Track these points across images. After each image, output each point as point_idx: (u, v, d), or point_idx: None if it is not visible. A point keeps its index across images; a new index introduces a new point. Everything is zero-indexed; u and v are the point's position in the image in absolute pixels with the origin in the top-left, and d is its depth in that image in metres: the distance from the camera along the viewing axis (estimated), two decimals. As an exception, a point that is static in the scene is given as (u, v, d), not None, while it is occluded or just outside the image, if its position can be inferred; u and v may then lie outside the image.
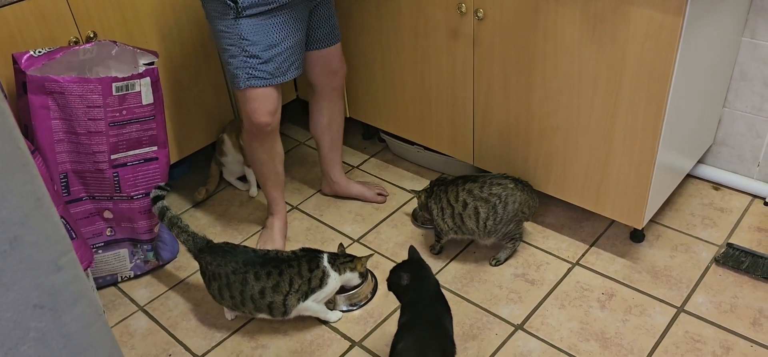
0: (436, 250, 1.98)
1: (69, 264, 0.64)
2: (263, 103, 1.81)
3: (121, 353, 0.71)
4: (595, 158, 1.80)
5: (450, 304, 1.53)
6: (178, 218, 1.79)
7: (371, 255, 1.86)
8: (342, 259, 1.74)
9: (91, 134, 1.78)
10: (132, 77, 1.78)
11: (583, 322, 1.71)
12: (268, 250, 1.73)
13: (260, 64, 1.74)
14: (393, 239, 2.08)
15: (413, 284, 1.50)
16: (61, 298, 0.63)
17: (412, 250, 1.57)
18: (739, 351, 1.59)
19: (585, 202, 1.90)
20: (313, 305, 1.70)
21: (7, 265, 0.58)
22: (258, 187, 2.34)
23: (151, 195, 1.87)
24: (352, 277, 1.75)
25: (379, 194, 2.26)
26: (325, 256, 1.72)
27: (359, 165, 2.49)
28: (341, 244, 1.84)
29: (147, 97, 1.83)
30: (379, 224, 2.16)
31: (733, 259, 1.83)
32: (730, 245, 1.87)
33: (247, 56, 1.73)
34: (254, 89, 1.77)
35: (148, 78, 1.81)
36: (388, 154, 2.54)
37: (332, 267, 1.71)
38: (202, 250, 1.73)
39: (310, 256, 1.71)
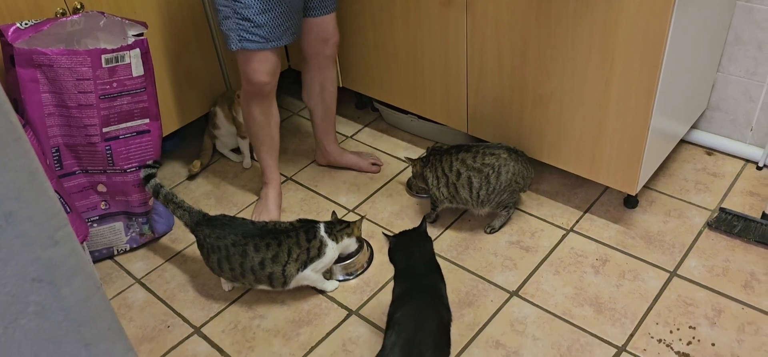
0: (432, 219, 1.99)
1: (65, 238, 0.63)
2: (262, 64, 1.80)
3: (120, 325, 0.71)
4: (589, 125, 1.80)
5: (445, 272, 1.54)
6: (172, 194, 1.78)
7: (364, 217, 1.86)
8: (338, 227, 1.74)
9: (82, 107, 1.76)
10: (121, 49, 1.76)
11: (578, 288, 1.73)
12: (266, 222, 1.73)
13: (253, 27, 1.72)
14: (388, 209, 2.09)
15: (411, 252, 1.51)
16: (59, 272, 0.63)
17: (423, 221, 1.58)
18: (731, 313, 1.62)
19: (579, 169, 1.91)
20: (311, 275, 1.71)
21: (3, 241, 0.58)
22: (252, 158, 2.34)
23: (142, 175, 1.86)
24: (349, 243, 1.76)
25: (374, 164, 2.26)
26: (322, 226, 1.73)
27: (353, 135, 2.48)
28: (334, 212, 1.84)
29: (137, 69, 1.81)
30: (373, 194, 2.16)
31: (726, 223, 1.85)
32: (722, 209, 1.89)
33: (240, 18, 1.71)
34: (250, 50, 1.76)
35: (137, 49, 1.79)
36: (381, 123, 2.53)
37: (329, 236, 1.72)
38: (199, 223, 1.72)
39: (308, 226, 1.72)
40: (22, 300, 0.61)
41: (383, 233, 1.57)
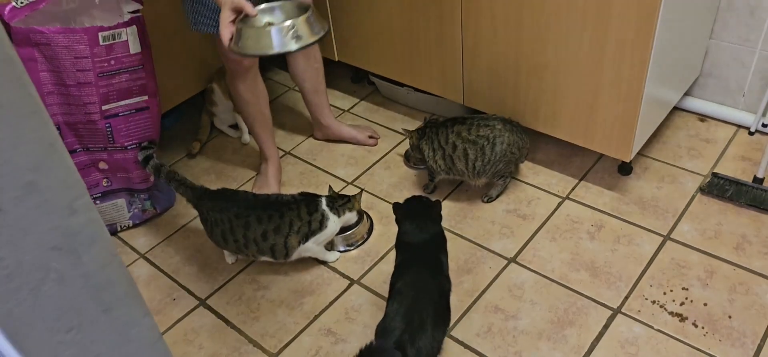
0: (430, 189, 2.02)
1: (84, 207, 0.66)
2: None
3: (137, 290, 0.74)
4: (584, 93, 1.82)
5: (444, 240, 1.57)
6: (174, 172, 1.80)
7: (363, 190, 1.90)
8: (340, 202, 1.77)
9: (81, 85, 1.77)
10: (118, 26, 1.76)
11: (574, 253, 1.77)
12: (269, 194, 1.76)
13: (206, 10, 1.71)
14: (386, 180, 2.11)
15: (415, 221, 1.53)
16: (78, 240, 0.65)
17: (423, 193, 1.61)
18: (723, 274, 1.66)
19: (574, 137, 1.94)
20: (313, 247, 1.74)
21: (24, 210, 0.60)
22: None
23: (140, 157, 1.87)
24: (350, 217, 1.79)
25: (371, 137, 2.27)
26: (324, 200, 1.75)
27: (349, 109, 2.50)
28: (330, 187, 1.87)
29: (134, 46, 1.81)
30: (372, 166, 2.18)
31: (718, 187, 1.88)
32: (715, 174, 1.92)
33: (194, 1, 1.71)
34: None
35: (134, 26, 1.79)
36: (377, 96, 2.54)
37: (331, 210, 1.74)
38: (201, 197, 1.75)
39: (309, 199, 1.74)
40: (44, 267, 0.63)
41: (393, 204, 1.59)
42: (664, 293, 1.63)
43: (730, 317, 1.55)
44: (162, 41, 2.17)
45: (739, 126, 2.12)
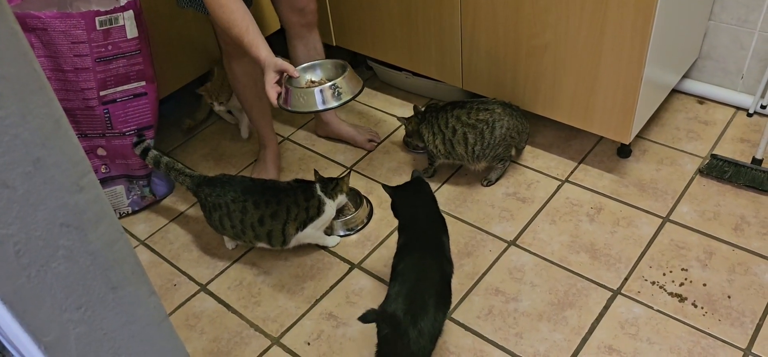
0: (430, 174, 2.02)
1: (90, 184, 0.66)
2: None
3: (143, 269, 0.74)
4: (584, 76, 1.82)
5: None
6: (173, 162, 1.80)
7: (349, 172, 1.89)
8: (331, 185, 1.77)
9: (78, 71, 1.76)
10: (115, 10, 1.75)
11: (573, 236, 1.77)
12: (266, 180, 1.75)
13: None
14: (385, 165, 2.11)
15: (412, 204, 1.54)
16: (86, 217, 0.65)
17: (414, 173, 1.61)
18: (721, 255, 1.67)
19: (573, 120, 1.94)
20: (312, 232, 1.74)
21: (32, 186, 0.60)
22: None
23: (138, 151, 1.85)
24: (342, 199, 1.79)
25: (371, 140, 2.20)
26: (318, 186, 1.75)
27: (348, 94, 2.49)
28: (316, 171, 1.83)
29: (132, 31, 1.80)
30: (371, 151, 2.18)
31: (717, 169, 1.89)
32: (713, 156, 1.93)
33: None
34: None
35: (130, 11, 1.78)
36: (376, 81, 2.53)
37: (325, 195, 1.74)
38: (200, 184, 1.74)
39: (304, 186, 1.74)
40: (53, 244, 0.63)
41: (382, 185, 1.59)
42: (664, 274, 1.64)
43: (729, 297, 1.56)
44: (159, 26, 2.16)
45: (738, 108, 2.13)
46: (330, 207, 1.75)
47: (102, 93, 1.80)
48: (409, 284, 1.40)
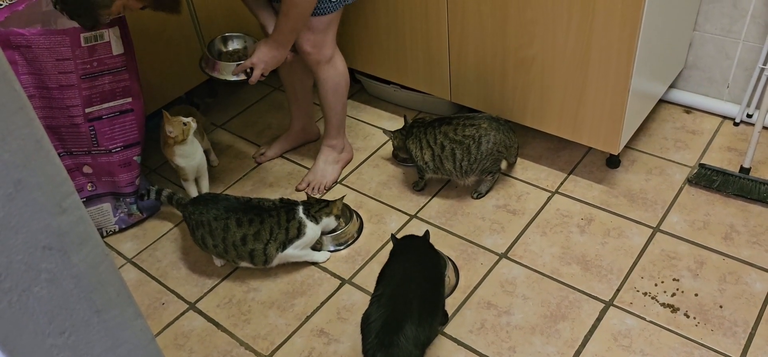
0: (420, 187, 2.01)
1: (73, 206, 0.64)
2: None
3: (129, 291, 0.72)
4: (572, 87, 1.82)
5: (435, 238, 1.56)
6: (180, 198, 1.82)
7: (344, 196, 1.88)
8: (317, 207, 1.75)
9: (63, 88, 1.74)
10: (100, 27, 1.73)
11: (565, 247, 1.77)
12: (250, 198, 1.74)
13: None
14: (375, 179, 2.10)
15: (399, 260, 1.52)
16: (69, 240, 0.63)
17: (425, 234, 1.59)
18: (712, 264, 1.67)
19: (562, 131, 1.94)
20: (294, 252, 1.73)
21: (13, 209, 0.58)
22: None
23: (160, 200, 1.91)
24: (329, 222, 1.77)
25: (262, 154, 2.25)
26: (301, 207, 1.74)
27: (337, 108, 2.48)
28: (308, 193, 1.81)
29: (117, 47, 1.78)
30: (360, 165, 2.17)
31: (705, 178, 1.90)
32: (702, 165, 1.94)
33: None
34: None
35: (116, 27, 1.77)
36: (364, 95, 2.53)
37: (308, 217, 1.73)
38: (186, 204, 1.73)
39: (288, 206, 1.73)
40: (35, 268, 0.61)
41: (391, 236, 1.59)
42: (656, 285, 1.64)
43: (721, 307, 1.56)
44: (145, 43, 2.14)
45: (725, 117, 2.14)
46: (311, 229, 1.73)
47: (87, 110, 1.78)
48: (392, 286, 1.40)
